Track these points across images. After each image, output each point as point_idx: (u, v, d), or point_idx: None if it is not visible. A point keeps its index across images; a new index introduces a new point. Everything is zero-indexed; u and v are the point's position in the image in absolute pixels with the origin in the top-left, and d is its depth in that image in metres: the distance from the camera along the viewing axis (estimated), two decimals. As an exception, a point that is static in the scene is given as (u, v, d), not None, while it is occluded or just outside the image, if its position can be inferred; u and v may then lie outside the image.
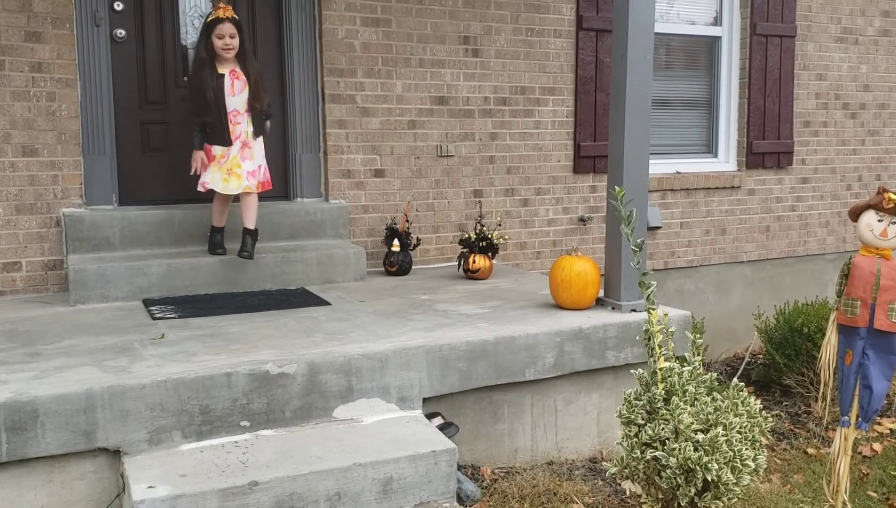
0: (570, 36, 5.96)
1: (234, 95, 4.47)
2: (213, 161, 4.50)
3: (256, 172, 4.56)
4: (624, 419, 3.00)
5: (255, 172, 4.55)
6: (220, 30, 4.37)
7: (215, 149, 4.49)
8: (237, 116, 4.50)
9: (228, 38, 4.39)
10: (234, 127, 4.49)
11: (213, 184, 4.48)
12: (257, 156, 4.58)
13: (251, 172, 4.53)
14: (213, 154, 4.50)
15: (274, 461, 3.02)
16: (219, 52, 4.40)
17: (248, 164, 4.52)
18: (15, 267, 4.56)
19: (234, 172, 4.48)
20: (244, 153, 4.52)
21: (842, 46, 7.14)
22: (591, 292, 4.21)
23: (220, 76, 4.44)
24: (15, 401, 2.89)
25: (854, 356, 3.62)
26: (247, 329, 3.83)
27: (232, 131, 4.47)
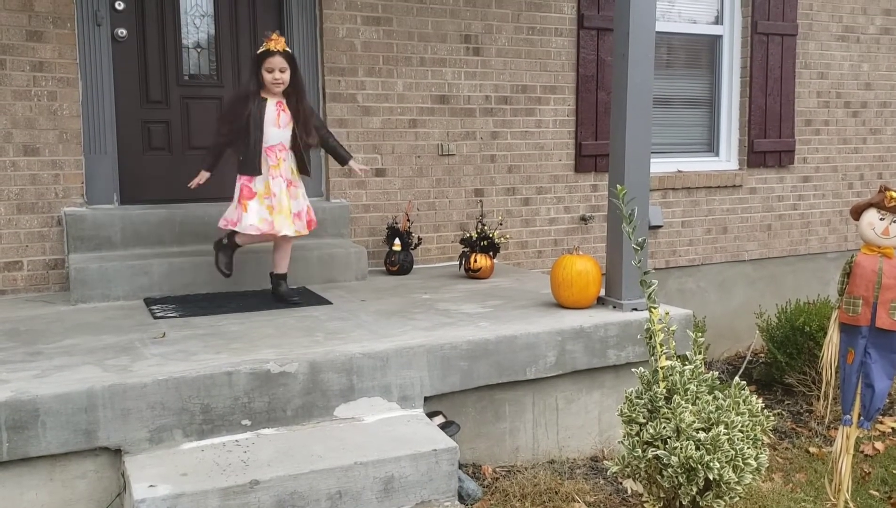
0: (572, 35, 5.95)
1: (278, 128, 4.18)
2: (254, 197, 4.14)
3: (302, 214, 4.28)
4: (625, 418, 3.00)
5: (300, 212, 4.27)
6: (270, 63, 4.09)
7: (256, 184, 4.15)
8: (282, 150, 4.20)
9: (278, 73, 4.10)
10: (277, 161, 4.18)
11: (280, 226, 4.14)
12: (301, 196, 4.31)
13: (297, 214, 4.24)
14: (254, 190, 4.15)
15: (275, 459, 3.02)
16: (268, 85, 4.12)
17: (294, 204, 4.24)
18: (16, 266, 4.56)
19: (290, 211, 4.20)
20: (291, 192, 4.23)
21: (843, 45, 7.13)
22: (593, 292, 4.20)
23: (262, 101, 4.15)
24: (16, 400, 2.89)
25: (856, 354, 3.61)
26: (248, 328, 3.83)
27: (272, 164, 4.16)
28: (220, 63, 5.21)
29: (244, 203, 4.14)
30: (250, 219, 4.11)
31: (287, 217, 4.19)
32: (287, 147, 4.24)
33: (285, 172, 4.22)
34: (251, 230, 4.12)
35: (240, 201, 4.17)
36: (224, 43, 5.20)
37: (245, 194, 4.15)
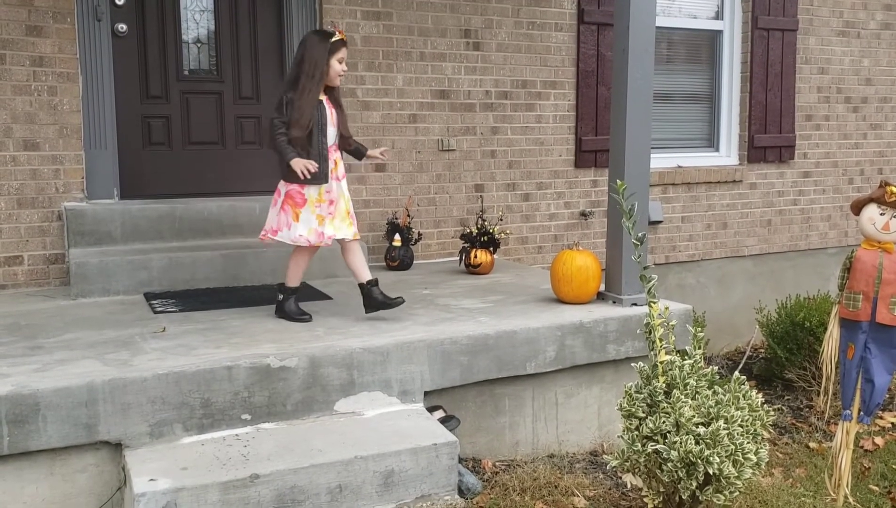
0: (572, 30, 5.95)
1: (333, 127, 3.89)
2: (306, 204, 3.79)
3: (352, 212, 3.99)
4: (625, 413, 3.00)
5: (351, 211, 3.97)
6: (342, 53, 3.82)
7: (309, 191, 3.78)
8: (336, 151, 3.92)
9: (345, 65, 3.88)
10: (333, 163, 3.88)
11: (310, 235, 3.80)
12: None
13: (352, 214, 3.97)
14: (307, 197, 3.78)
15: (275, 454, 3.02)
16: (333, 78, 3.81)
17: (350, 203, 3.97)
18: (17, 261, 4.56)
19: (349, 212, 3.92)
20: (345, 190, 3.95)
21: (843, 40, 7.12)
22: (593, 287, 4.20)
23: (319, 103, 3.81)
24: (17, 394, 2.89)
25: (856, 349, 3.62)
26: (248, 323, 3.83)
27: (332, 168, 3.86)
28: (219, 58, 5.20)
29: (295, 211, 3.79)
30: (300, 229, 3.79)
31: (344, 220, 3.88)
32: (336, 147, 3.94)
33: (340, 172, 3.93)
34: (300, 241, 3.81)
35: (289, 208, 3.81)
36: (224, 38, 5.20)
37: (297, 200, 3.79)
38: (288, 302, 3.95)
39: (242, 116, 5.28)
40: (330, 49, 3.80)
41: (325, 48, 3.79)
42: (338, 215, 3.88)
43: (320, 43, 3.81)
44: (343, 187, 3.93)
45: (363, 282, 3.92)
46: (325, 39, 3.82)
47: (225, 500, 2.81)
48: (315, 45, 3.80)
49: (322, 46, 3.80)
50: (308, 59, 3.78)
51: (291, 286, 3.96)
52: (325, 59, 3.78)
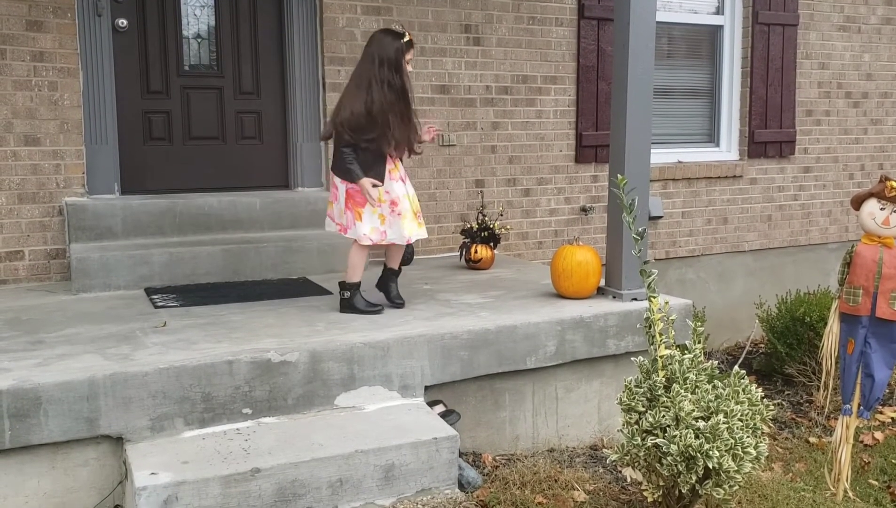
0: (572, 24, 5.94)
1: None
2: (366, 205, 3.80)
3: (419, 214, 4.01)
4: (625, 407, 3.01)
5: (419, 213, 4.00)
6: (410, 54, 3.82)
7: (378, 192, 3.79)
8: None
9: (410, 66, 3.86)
10: (394, 163, 3.88)
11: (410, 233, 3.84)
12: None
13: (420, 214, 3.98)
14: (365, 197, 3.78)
15: (276, 448, 3.03)
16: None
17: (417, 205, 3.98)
18: (18, 256, 4.57)
19: (417, 213, 3.93)
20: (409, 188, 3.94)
21: (844, 35, 7.12)
22: (593, 282, 4.21)
23: None
24: (18, 388, 2.90)
25: (856, 344, 3.62)
26: (248, 318, 3.84)
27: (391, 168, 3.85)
28: (220, 53, 5.20)
29: (357, 211, 3.82)
30: (364, 229, 3.82)
31: (413, 220, 3.88)
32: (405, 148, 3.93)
33: (401, 172, 3.91)
34: (364, 241, 3.83)
35: (351, 208, 3.83)
36: (224, 33, 5.20)
37: (357, 200, 3.81)
38: (355, 297, 3.94)
39: (243, 111, 5.28)
40: (403, 50, 3.78)
41: (399, 51, 3.76)
42: (406, 215, 3.86)
43: (393, 42, 3.78)
44: (407, 188, 3.92)
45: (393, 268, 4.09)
46: (398, 39, 3.79)
47: (226, 494, 2.82)
48: (389, 45, 3.77)
49: (396, 49, 3.76)
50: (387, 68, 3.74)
51: (353, 282, 3.93)
52: (401, 64, 3.77)
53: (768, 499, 3.41)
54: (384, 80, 3.73)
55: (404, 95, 3.81)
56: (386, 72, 3.74)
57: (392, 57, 3.75)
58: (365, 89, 3.73)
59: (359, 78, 3.79)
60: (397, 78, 3.76)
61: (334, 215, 3.96)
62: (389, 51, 3.75)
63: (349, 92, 3.82)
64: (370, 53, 3.79)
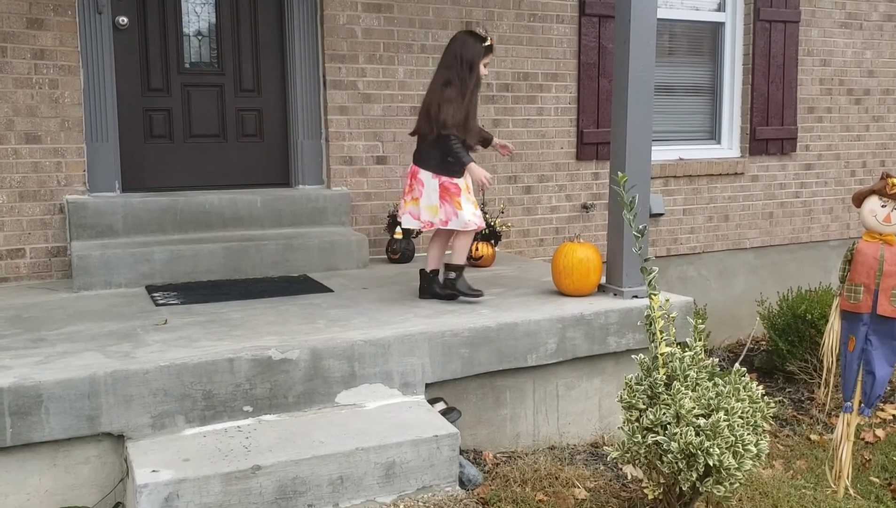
0: (573, 22, 5.94)
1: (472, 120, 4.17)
2: (461, 193, 4.04)
3: None
4: (625, 404, 3.01)
5: None
6: (488, 58, 4.10)
7: (459, 181, 4.05)
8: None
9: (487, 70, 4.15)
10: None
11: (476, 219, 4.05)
12: None
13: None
14: (460, 186, 4.04)
15: (277, 445, 3.03)
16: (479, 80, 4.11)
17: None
18: (19, 254, 4.57)
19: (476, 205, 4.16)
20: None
21: (846, 32, 7.10)
22: (594, 279, 4.21)
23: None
24: (19, 386, 2.90)
25: (857, 341, 3.62)
26: (249, 315, 3.84)
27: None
28: (220, 51, 5.20)
29: (455, 200, 4.03)
30: (467, 215, 4.03)
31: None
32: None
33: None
34: (471, 226, 4.05)
35: (448, 200, 4.03)
36: (225, 31, 5.19)
37: (453, 190, 4.03)
38: (459, 280, 4.14)
39: (243, 108, 5.28)
40: (483, 53, 4.06)
41: (475, 53, 4.03)
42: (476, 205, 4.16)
43: (474, 45, 4.05)
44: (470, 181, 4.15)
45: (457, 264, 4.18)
46: (479, 42, 4.06)
47: (227, 491, 2.83)
48: (470, 46, 4.05)
49: (473, 52, 4.03)
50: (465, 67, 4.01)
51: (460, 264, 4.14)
52: (471, 66, 4.02)
53: (769, 497, 3.41)
54: (462, 78, 4.02)
55: (473, 96, 4.09)
56: (464, 71, 4.02)
57: (469, 58, 4.03)
58: (453, 87, 4.00)
59: (444, 76, 4.05)
60: (469, 77, 4.03)
61: (417, 213, 4.11)
62: (469, 52, 4.04)
63: (437, 90, 4.05)
64: (453, 51, 4.07)
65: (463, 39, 4.10)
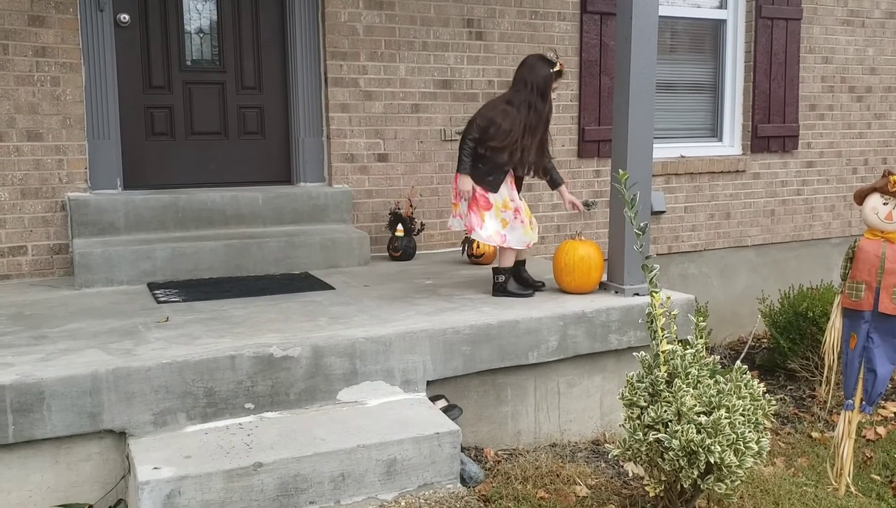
0: (575, 19, 5.93)
1: None
2: (491, 209, 4.11)
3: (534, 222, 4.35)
4: (626, 402, 3.01)
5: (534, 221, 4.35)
6: (558, 83, 4.14)
7: (494, 197, 4.12)
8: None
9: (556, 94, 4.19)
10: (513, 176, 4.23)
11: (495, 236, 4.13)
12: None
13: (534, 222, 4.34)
14: (491, 202, 4.11)
15: (278, 442, 3.04)
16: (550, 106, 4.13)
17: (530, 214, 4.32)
18: (20, 251, 4.58)
19: (532, 222, 4.28)
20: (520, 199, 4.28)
21: (848, 29, 7.09)
22: (595, 277, 4.21)
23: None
24: (21, 383, 2.91)
25: (858, 339, 3.62)
26: (251, 313, 3.84)
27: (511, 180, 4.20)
28: (222, 49, 5.20)
29: (481, 214, 4.11)
30: (487, 232, 4.11)
31: (529, 226, 4.23)
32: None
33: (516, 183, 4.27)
34: (487, 242, 4.19)
35: (475, 210, 4.12)
36: (226, 28, 5.19)
37: (482, 204, 4.11)
38: (509, 282, 4.24)
39: (245, 106, 5.28)
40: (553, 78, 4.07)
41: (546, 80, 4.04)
42: (526, 223, 4.22)
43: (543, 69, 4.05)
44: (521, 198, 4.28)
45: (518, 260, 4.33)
46: (548, 67, 4.06)
47: (228, 488, 2.83)
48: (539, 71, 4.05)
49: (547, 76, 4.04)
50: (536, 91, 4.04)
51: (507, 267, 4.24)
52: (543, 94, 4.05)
53: (770, 494, 3.42)
54: (531, 103, 4.03)
55: (544, 122, 4.12)
56: (533, 96, 4.03)
57: (540, 84, 4.04)
58: (513, 105, 4.04)
59: (509, 95, 4.12)
60: (541, 104, 4.06)
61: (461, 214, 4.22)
62: (538, 77, 4.05)
63: (494, 104, 4.13)
64: (522, 76, 4.10)
65: (531, 64, 4.11)
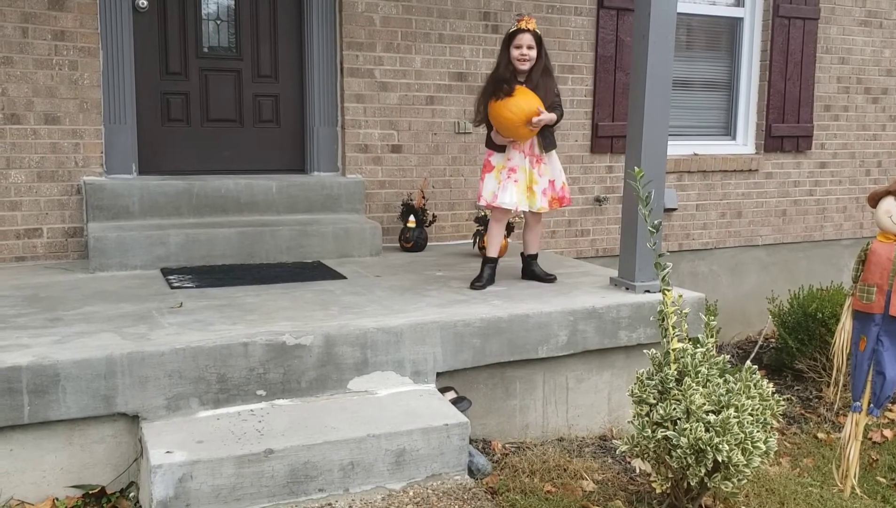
0: (591, 14, 5.92)
1: None
2: (492, 171, 4.23)
3: (548, 190, 4.26)
4: (636, 398, 3.03)
5: (546, 189, 4.25)
6: (518, 40, 4.17)
7: (496, 158, 4.25)
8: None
9: (526, 49, 4.15)
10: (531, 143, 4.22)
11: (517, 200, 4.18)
12: (550, 172, 4.28)
13: (543, 191, 4.24)
14: (493, 164, 4.24)
15: (289, 430, 3.07)
16: (513, 61, 4.16)
17: (542, 180, 4.24)
18: (36, 233, 4.62)
19: (532, 187, 4.22)
20: (538, 169, 4.23)
21: (865, 30, 7.06)
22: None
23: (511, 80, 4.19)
24: (37, 365, 2.94)
25: (868, 342, 3.62)
26: (263, 300, 3.87)
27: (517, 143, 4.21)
28: (239, 36, 5.21)
29: (484, 176, 4.27)
30: (485, 192, 4.25)
31: (524, 192, 4.21)
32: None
33: (529, 148, 4.22)
34: (481, 201, 4.29)
35: (483, 175, 4.29)
36: (244, 16, 5.21)
37: (486, 166, 4.28)
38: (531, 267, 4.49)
39: (261, 94, 5.30)
40: (506, 42, 4.21)
41: (504, 43, 4.23)
42: (519, 186, 4.21)
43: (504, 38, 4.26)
44: (527, 163, 4.22)
45: (525, 254, 4.49)
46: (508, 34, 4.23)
47: (239, 474, 2.86)
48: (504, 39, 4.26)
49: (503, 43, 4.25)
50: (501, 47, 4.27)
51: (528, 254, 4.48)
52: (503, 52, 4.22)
53: (776, 494, 3.43)
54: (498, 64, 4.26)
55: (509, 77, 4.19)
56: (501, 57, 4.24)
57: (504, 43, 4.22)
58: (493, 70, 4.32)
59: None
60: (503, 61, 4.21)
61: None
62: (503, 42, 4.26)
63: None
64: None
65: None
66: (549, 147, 4.24)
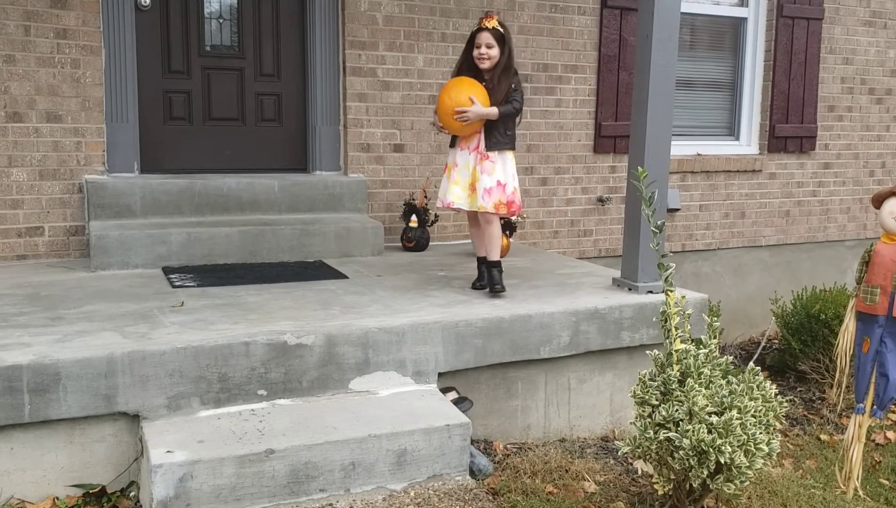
0: (595, 13, 5.91)
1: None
2: (447, 170, 4.19)
3: (495, 191, 4.01)
4: (638, 400, 3.02)
5: (493, 189, 4.01)
6: (477, 39, 4.12)
7: (449, 157, 4.20)
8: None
9: (485, 48, 4.06)
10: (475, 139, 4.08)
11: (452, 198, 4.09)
12: (500, 173, 4.04)
13: (487, 190, 4.01)
14: (447, 162, 4.21)
15: (290, 430, 3.06)
16: (475, 59, 4.11)
17: (486, 179, 4.02)
18: (37, 232, 4.61)
19: (474, 186, 4.05)
20: (483, 166, 4.04)
21: (870, 30, 7.04)
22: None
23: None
24: (38, 363, 2.93)
25: (871, 343, 3.61)
26: (265, 300, 3.86)
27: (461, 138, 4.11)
28: (241, 34, 5.21)
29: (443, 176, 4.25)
30: (440, 192, 4.23)
31: (463, 190, 4.08)
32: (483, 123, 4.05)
33: (476, 145, 4.07)
34: (438, 202, 4.24)
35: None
36: (246, 14, 5.20)
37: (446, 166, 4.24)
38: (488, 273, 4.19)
39: (263, 93, 5.29)
40: (469, 41, 4.17)
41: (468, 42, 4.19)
42: (459, 183, 4.10)
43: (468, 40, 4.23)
44: (471, 160, 4.08)
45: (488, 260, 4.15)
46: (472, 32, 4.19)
47: (240, 474, 2.85)
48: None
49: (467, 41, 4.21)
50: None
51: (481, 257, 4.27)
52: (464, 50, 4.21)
53: (778, 495, 3.42)
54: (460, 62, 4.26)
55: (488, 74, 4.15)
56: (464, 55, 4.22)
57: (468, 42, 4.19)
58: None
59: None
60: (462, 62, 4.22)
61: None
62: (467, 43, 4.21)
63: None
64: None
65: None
66: (493, 146, 4.02)
